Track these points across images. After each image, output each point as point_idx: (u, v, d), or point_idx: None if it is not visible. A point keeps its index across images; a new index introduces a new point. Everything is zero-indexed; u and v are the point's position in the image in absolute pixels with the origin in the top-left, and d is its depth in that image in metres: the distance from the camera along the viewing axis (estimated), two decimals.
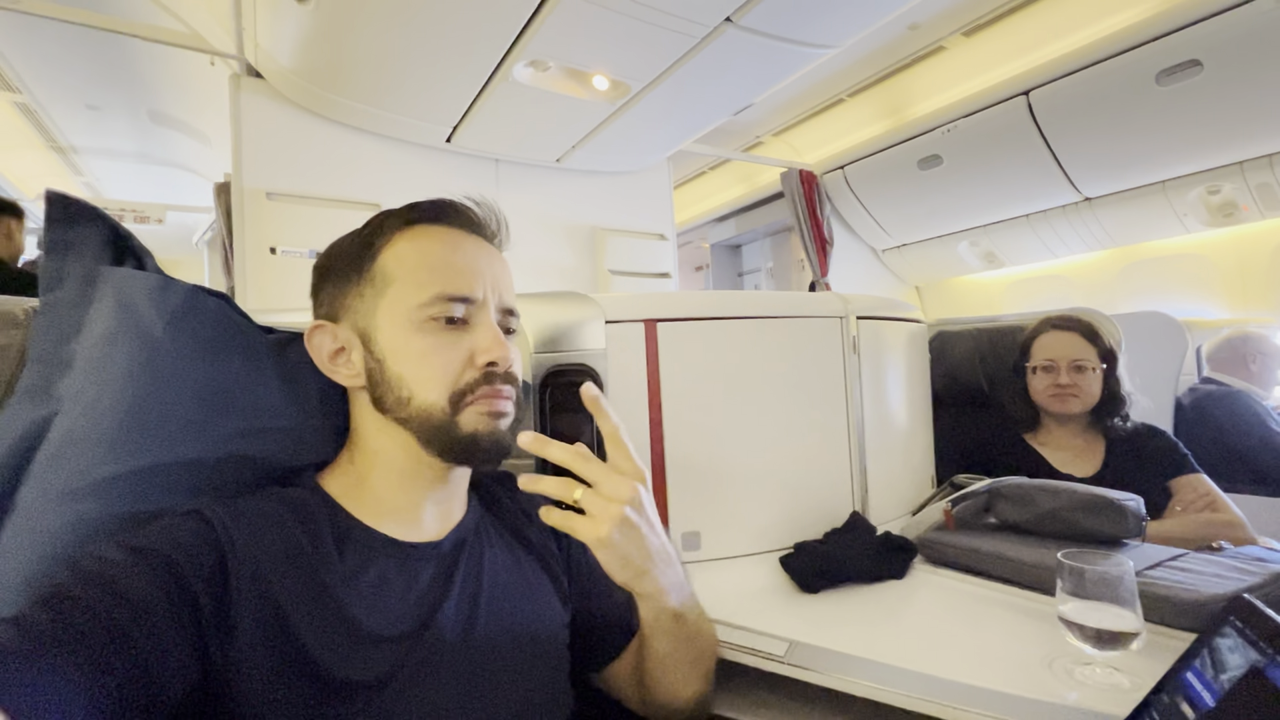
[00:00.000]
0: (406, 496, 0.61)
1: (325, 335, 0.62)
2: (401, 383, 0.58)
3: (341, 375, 0.61)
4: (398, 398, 0.58)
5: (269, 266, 2.10)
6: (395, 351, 0.58)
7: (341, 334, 0.61)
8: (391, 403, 0.59)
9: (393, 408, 0.59)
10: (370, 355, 0.59)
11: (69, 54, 2.93)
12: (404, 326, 0.58)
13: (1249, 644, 0.46)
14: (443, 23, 1.67)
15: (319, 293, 0.64)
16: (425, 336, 0.58)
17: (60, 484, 0.52)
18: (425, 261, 0.60)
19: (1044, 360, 1.38)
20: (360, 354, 0.60)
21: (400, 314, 0.59)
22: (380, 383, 0.59)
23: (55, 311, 0.57)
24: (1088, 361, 1.34)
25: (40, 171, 4.27)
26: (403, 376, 0.58)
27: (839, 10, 1.70)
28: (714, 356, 0.96)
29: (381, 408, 0.60)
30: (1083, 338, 1.37)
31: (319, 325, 0.62)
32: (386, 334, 0.59)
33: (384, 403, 0.59)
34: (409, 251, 0.61)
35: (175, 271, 0.61)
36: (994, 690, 0.60)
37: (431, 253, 0.61)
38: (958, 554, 0.91)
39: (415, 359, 0.58)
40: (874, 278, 4.17)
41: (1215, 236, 2.88)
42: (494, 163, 2.61)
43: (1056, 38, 2.52)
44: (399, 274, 0.60)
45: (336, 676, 0.50)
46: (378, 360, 0.59)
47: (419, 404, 0.58)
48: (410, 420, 0.58)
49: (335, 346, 0.61)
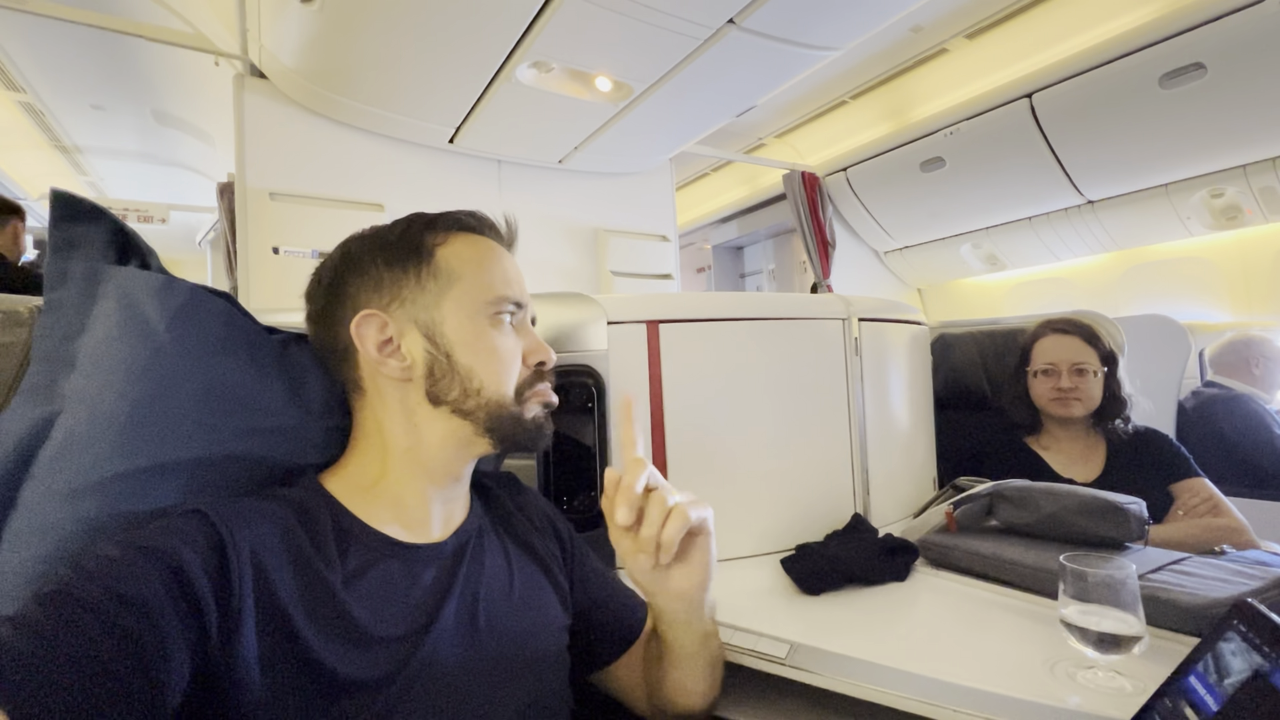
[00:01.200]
0: (420, 495, 0.61)
1: (375, 324, 0.60)
2: (472, 374, 0.60)
3: (390, 366, 0.60)
4: (466, 389, 0.60)
5: (272, 266, 2.10)
6: (466, 344, 0.60)
7: (394, 324, 0.61)
8: (457, 394, 0.60)
9: (457, 399, 0.60)
10: (435, 347, 0.60)
11: (74, 54, 2.94)
12: (472, 321, 0.61)
13: (1253, 648, 0.46)
14: (446, 24, 1.67)
15: (356, 276, 0.62)
16: (496, 332, 0.62)
17: (63, 483, 0.52)
18: (484, 264, 0.63)
19: (1044, 364, 1.38)
20: (419, 346, 0.60)
21: (470, 309, 0.61)
22: (445, 374, 0.60)
23: (59, 310, 0.57)
24: (1088, 364, 1.34)
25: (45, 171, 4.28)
26: (473, 368, 0.60)
27: (842, 12, 1.70)
28: (716, 358, 0.96)
29: (438, 399, 0.60)
30: (1083, 341, 1.37)
31: (370, 314, 0.60)
32: (454, 326, 0.60)
33: (445, 393, 0.60)
34: (469, 253, 0.63)
35: (178, 271, 0.61)
36: (995, 693, 0.60)
37: (486, 258, 0.64)
38: (959, 556, 0.91)
39: (488, 352, 0.61)
40: (876, 280, 4.17)
41: (1218, 240, 2.87)
42: (496, 163, 2.61)
43: (1059, 40, 2.52)
44: (464, 272, 0.62)
45: (339, 675, 0.50)
46: (444, 352, 0.60)
47: (490, 394, 0.61)
48: (476, 410, 0.60)
49: (384, 337, 0.60)
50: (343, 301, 0.62)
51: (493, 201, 2.60)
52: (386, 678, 0.52)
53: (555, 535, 0.74)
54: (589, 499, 0.89)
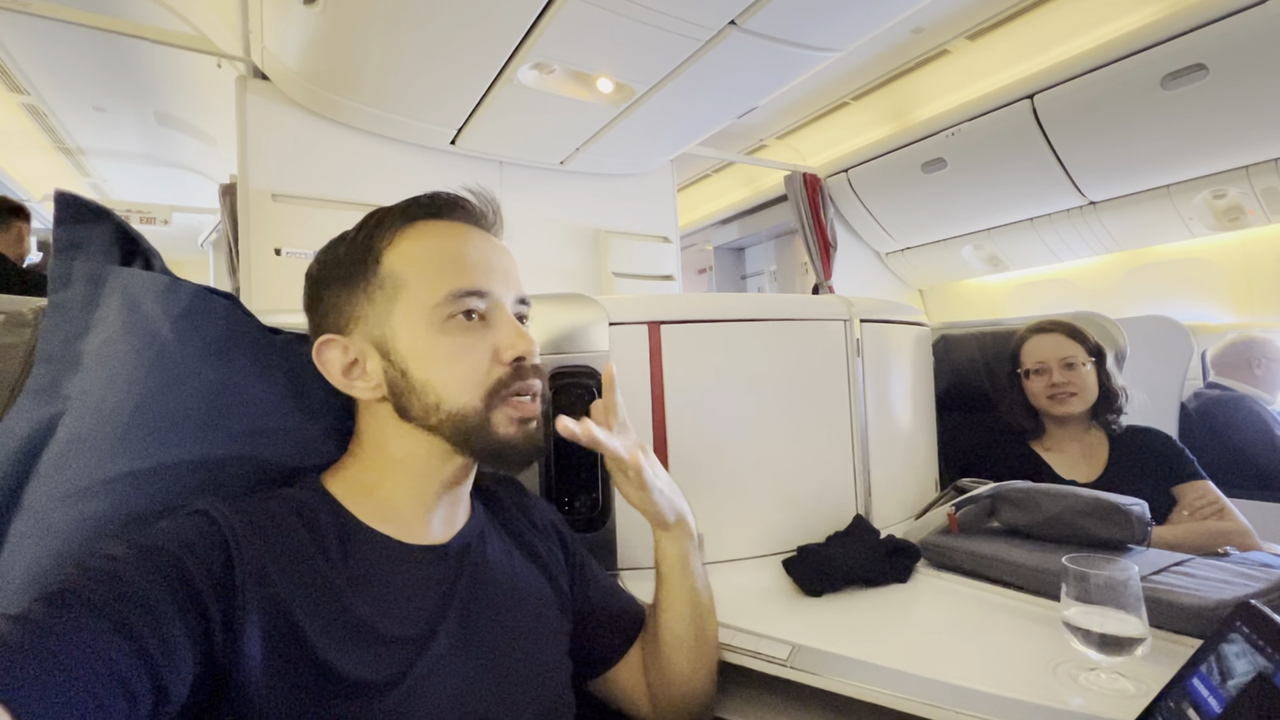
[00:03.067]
0: (419, 503, 0.61)
1: (335, 349, 0.59)
2: (429, 389, 0.57)
3: (358, 389, 0.59)
4: (425, 405, 0.57)
5: (274, 268, 2.11)
6: (418, 357, 0.57)
7: (354, 346, 0.59)
8: (419, 411, 0.57)
9: (420, 415, 0.57)
10: (390, 364, 0.57)
11: (77, 56, 2.95)
12: (424, 330, 0.57)
13: (1256, 650, 0.46)
14: (449, 25, 1.68)
15: (317, 304, 0.61)
16: (448, 337, 0.57)
17: (67, 483, 0.52)
18: (435, 259, 0.58)
19: (1035, 364, 1.40)
20: (378, 364, 0.58)
21: (418, 317, 0.57)
22: (405, 391, 0.57)
23: (63, 311, 0.57)
24: (1076, 357, 1.37)
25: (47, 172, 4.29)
26: (429, 382, 0.57)
27: (843, 14, 1.70)
28: (718, 359, 0.96)
29: (406, 416, 0.58)
30: (1067, 337, 1.40)
31: (328, 339, 0.59)
32: (406, 340, 0.57)
33: (409, 411, 0.57)
34: (416, 250, 0.59)
35: (180, 272, 0.61)
36: (998, 695, 0.60)
37: (439, 249, 0.59)
38: (961, 558, 0.90)
39: (441, 362, 0.57)
40: (877, 281, 4.17)
41: (1221, 241, 2.87)
42: (498, 165, 2.61)
43: (1061, 41, 2.52)
44: (409, 275, 0.57)
45: (344, 676, 0.50)
46: (400, 369, 0.57)
47: (450, 408, 0.57)
48: (441, 426, 0.57)
49: (348, 360, 0.59)
50: (315, 324, 0.62)
51: None
52: (393, 680, 0.52)
53: (559, 541, 0.74)
54: (590, 500, 0.89)
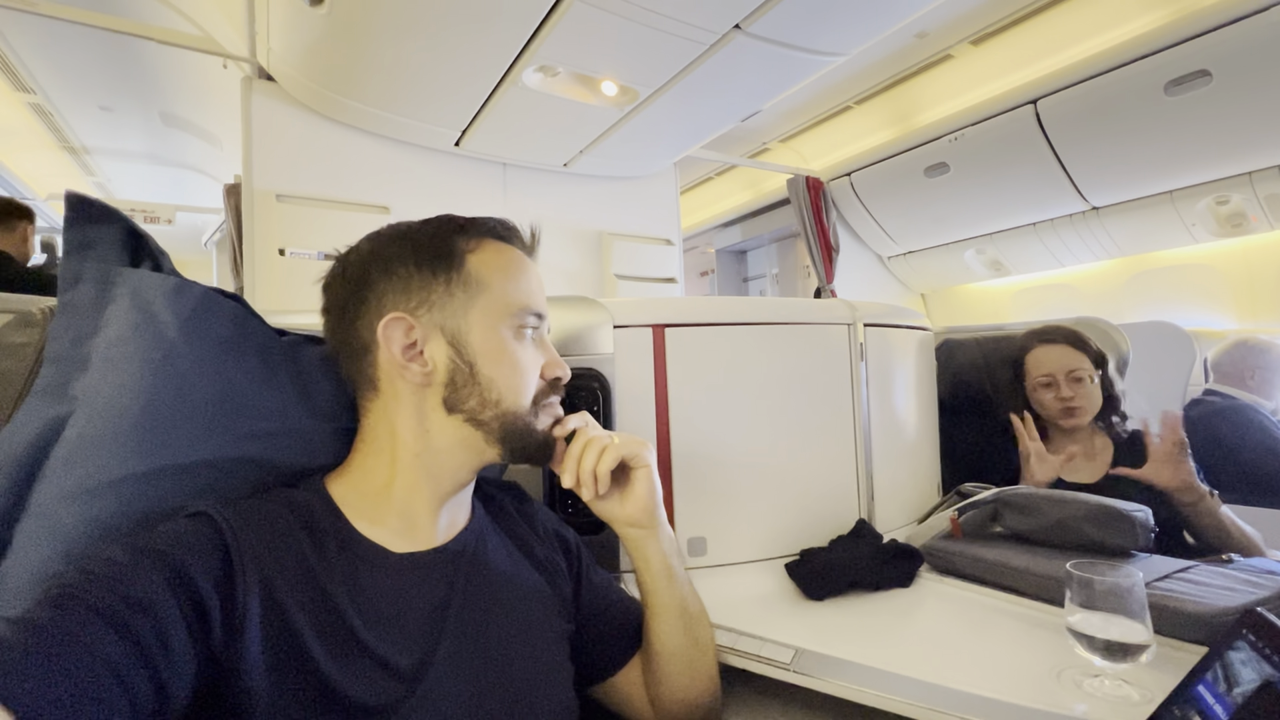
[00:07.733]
0: (426, 501, 0.61)
1: (402, 328, 0.59)
2: (493, 386, 0.60)
3: (412, 370, 0.59)
4: (484, 399, 0.60)
5: (278, 268, 2.11)
6: (488, 355, 0.60)
7: (420, 329, 0.59)
8: (476, 404, 0.60)
9: (474, 409, 0.60)
10: (459, 356, 0.60)
11: (82, 56, 2.96)
12: (498, 333, 0.61)
13: (1262, 657, 0.46)
14: (454, 28, 1.68)
15: (370, 282, 0.61)
16: (519, 345, 0.62)
17: (74, 483, 0.52)
18: (511, 275, 0.63)
19: (1042, 376, 1.39)
20: (444, 353, 0.60)
21: (495, 320, 0.61)
22: (466, 383, 0.60)
23: (72, 312, 0.57)
24: (1083, 370, 1.36)
25: (53, 171, 4.31)
26: (494, 380, 0.60)
27: (848, 18, 1.70)
28: (721, 362, 0.96)
29: (454, 406, 0.60)
30: (1072, 347, 1.38)
31: (398, 317, 0.59)
32: (480, 337, 0.60)
33: (463, 403, 0.60)
34: (498, 261, 0.63)
35: (183, 272, 0.61)
36: (1001, 700, 0.60)
37: (513, 268, 0.64)
38: (964, 563, 0.90)
39: (510, 365, 0.61)
40: (880, 285, 4.17)
41: (1224, 247, 2.87)
42: (502, 167, 2.62)
43: (1065, 47, 2.52)
44: (492, 281, 0.62)
45: (341, 695, 0.50)
46: (469, 362, 0.60)
47: (506, 406, 0.61)
48: (491, 421, 0.60)
49: (409, 341, 0.59)
50: (367, 299, 0.61)
51: (498, 205, 2.61)
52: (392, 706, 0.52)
53: (562, 547, 0.74)
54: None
